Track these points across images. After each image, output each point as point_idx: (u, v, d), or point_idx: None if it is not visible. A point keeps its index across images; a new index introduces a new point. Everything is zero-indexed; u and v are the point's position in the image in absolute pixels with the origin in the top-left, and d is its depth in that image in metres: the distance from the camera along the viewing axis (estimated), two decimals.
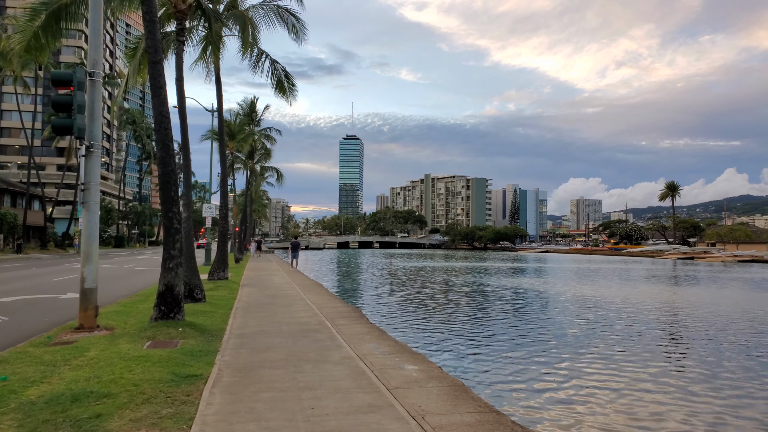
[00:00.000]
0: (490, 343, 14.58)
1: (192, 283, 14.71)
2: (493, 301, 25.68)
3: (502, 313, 21.21)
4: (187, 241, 14.97)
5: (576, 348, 14.13)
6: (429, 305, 23.80)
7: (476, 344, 14.49)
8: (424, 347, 13.46)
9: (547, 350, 13.78)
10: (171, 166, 11.02)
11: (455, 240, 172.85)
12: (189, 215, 15.02)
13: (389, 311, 21.26)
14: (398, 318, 19.33)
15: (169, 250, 10.95)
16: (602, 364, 12.38)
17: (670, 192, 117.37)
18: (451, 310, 22.04)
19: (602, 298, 27.50)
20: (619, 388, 10.26)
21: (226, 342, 9.76)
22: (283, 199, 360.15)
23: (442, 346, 14.16)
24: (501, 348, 13.92)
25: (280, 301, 16.42)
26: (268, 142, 56.34)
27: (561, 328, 17.57)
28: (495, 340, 15.17)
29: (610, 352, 13.70)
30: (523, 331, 16.66)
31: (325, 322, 12.21)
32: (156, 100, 10.94)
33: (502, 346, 14.23)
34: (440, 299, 26.50)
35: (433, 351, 13.25)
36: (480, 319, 19.47)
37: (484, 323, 18.43)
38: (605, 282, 38.89)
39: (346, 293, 28.24)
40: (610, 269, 59.02)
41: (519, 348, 13.99)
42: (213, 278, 22.08)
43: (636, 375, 11.35)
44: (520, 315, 20.90)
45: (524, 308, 23.13)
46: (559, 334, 16.21)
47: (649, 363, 12.65)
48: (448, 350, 13.55)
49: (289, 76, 24.78)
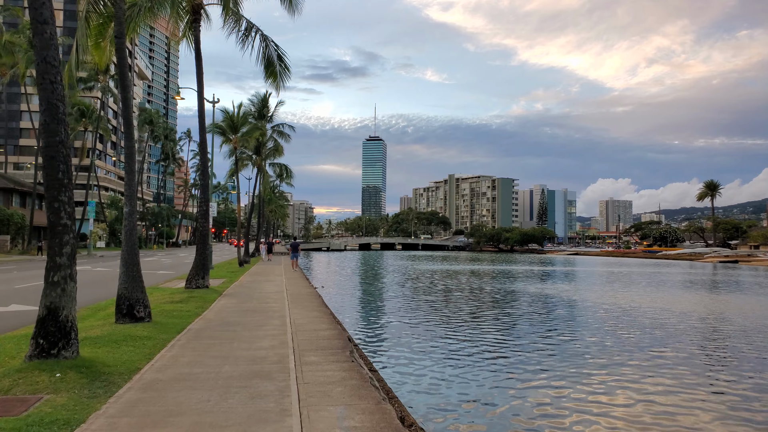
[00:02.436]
0: (530, 396, 10.88)
1: (133, 298, 11.34)
2: (528, 319, 21.88)
3: (542, 340, 17.44)
4: (129, 242, 11.63)
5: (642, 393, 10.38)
6: (447, 320, 20.11)
7: (510, 396, 10.82)
8: (426, 405, 9.85)
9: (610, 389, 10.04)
10: (59, 135, 7.64)
11: (480, 242, 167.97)
12: (132, 210, 11.66)
13: (392, 333, 17.65)
14: (402, 344, 15.71)
15: (55, 257, 7.57)
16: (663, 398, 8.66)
17: (709, 191, 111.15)
18: (476, 330, 18.34)
19: (649, 308, 23.45)
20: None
21: (113, 402, 6.30)
22: (306, 200, 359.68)
23: (453, 397, 10.55)
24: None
25: (252, 319, 12.96)
26: (281, 138, 53.41)
27: (623, 352, 13.76)
28: (538, 393, 11.47)
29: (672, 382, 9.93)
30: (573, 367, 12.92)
31: (288, 358, 8.68)
32: (38, 40, 7.57)
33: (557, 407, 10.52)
34: (462, 311, 22.78)
35: (438, 409, 9.67)
36: (512, 347, 15.76)
37: (519, 357, 14.71)
38: (646, 289, 34.61)
39: (345, 305, 24.63)
40: (645, 273, 54.48)
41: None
42: (190, 286, 18.76)
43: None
44: (567, 343, 17.10)
45: (568, 329, 19.31)
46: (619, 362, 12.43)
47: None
48: (460, 407, 9.90)
49: (282, 57, 21.40)
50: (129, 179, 11.78)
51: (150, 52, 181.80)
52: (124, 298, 11.32)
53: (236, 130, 37.22)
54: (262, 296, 18.18)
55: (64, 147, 7.67)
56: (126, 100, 11.87)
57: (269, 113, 50.83)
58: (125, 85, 12.02)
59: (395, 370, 12.09)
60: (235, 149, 38.70)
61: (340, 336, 10.86)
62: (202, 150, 19.46)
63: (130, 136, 11.91)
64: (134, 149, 11.87)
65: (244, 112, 38.29)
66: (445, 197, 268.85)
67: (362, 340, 15.50)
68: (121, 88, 12.08)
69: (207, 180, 19.42)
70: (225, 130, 37.37)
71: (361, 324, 18.92)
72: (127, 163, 11.78)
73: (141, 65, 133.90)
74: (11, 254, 52.59)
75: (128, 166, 11.81)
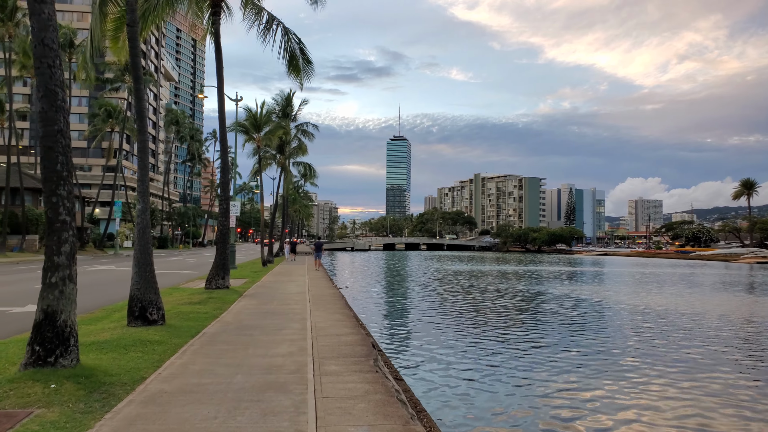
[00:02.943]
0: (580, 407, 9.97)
1: (145, 300, 10.75)
2: (562, 323, 20.85)
3: (583, 348, 16.43)
4: (142, 240, 11.05)
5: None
6: (476, 324, 19.21)
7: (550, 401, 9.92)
8: (456, 418, 9.03)
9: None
10: (58, 124, 7.02)
11: (507, 242, 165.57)
12: (145, 207, 11.08)
13: (418, 337, 16.84)
14: (430, 350, 14.90)
15: (52, 256, 6.96)
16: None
17: (745, 190, 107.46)
18: (506, 335, 17.42)
19: (690, 311, 22.14)
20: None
21: (110, 418, 5.62)
22: (331, 200, 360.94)
23: (483, 408, 9.70)
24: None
25: (271, 322, 12.29)
26: (305, 137, 52.98)
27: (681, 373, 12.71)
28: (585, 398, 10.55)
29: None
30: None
31: (306, 367, 7.94)
32: (35, 20, 6.97)
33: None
34: (492, 314, 21.84)
35: (468, 422, 8.83)
36: (546, 354, 14.81)
37: (554, 363, 13.77)
38: (684, 290, 33.06)
39: (369, 307, 23.82)
40: (681, 275, 52.53)
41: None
42: (210, 287, 18.22)
43: None
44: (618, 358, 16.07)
45: (606, 336, 18.25)
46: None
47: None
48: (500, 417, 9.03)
49: (305, 50, 20.80)
50: (141, 175, 11.19)
51: (177, 54, 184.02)
52: (136, 299, 10.73)
53: (259, 128, 36.76)
54: (284, 297, 17.54)
55: (63, 137, 7.05)
56: (138, 91, 11.30)
57: (293, 112, 50.42)
58: (137, 76, 11.46)
59: (423, 377, 11.29)
60: (258, 148, 38.25)
61: (363, 341, 10.09)
62: (223, 146, 18.89)
63: (143, 129, 11.33)
64: (147, 143, 11.28)
65: (267, 111, 37.82)
66: (470, 197, 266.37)
67: (388, 345, 14.71)
68: (134, 79, 11.51)
69: (227, 177, 18.85)
70: (248, 128, 36.97)
71: (386, 328, 18.12)
72: (140, 158, 11.19)
73: (168, 67, 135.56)
74: (39, 253, 53.30)
75: (141, 161, 11.22)
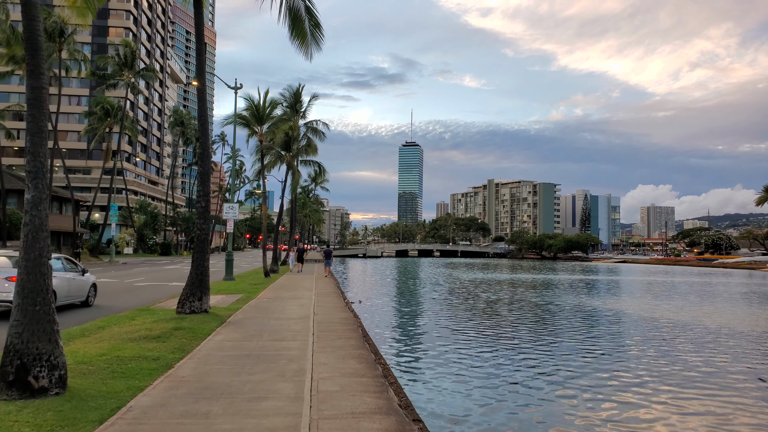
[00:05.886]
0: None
1: (29, 352, 6.32)
2: (586, 337, 16.18)
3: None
4: (31, 250, 6.62)
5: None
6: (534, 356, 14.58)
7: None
8: None
9: None
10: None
11: (522, 249, 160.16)
12: (38, 197, 6.64)
13: (482, 405, 12.27)
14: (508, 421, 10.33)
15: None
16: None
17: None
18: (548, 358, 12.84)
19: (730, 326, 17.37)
20: None
21: None
22: (342, 206, 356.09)
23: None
24: None
25: (250, 378, 7.79)
26: (315, 136, 48.80)
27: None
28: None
29: None
30: None
31: None
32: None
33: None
34: (541, 335, 17.18)
35: None
36: (580, 372, 10.24)
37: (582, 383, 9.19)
38: (734, 306, 28.18)
39: (395, 335, 18.21)
40: (713, 284, 47.84)
41: None
42: (183, 311, 13.70)
43: None
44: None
45: (636, 351, 13.61)
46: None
47: None
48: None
49: (312, 11, 16.35)
50: (34, 144, 6.79)
51: (186, 57, 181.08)
52: (13, 352, 6.31)
53: (262, 120, 32.36)
54: (279, 326, 13.04)
55: None
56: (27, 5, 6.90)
57: (302, 109, 46.20)
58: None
59: None
60: (260, 142, 33.88)
61: (400, 427, 5.55)
62: (202, 125, 14.45)
63: (38, 73, 6.93)
64: (43, 91, 6.88)
65: (272, 101, 33.47)
66: (484, 203, 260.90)
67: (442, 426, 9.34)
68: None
69: (207, 166, 14.41)
70: (249, 120, 32.65)
71: (427, 380, 11.98)
72: (31, 114, 6.79)
73: (175, 68, 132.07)
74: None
75: (33, 122, 6.81)
